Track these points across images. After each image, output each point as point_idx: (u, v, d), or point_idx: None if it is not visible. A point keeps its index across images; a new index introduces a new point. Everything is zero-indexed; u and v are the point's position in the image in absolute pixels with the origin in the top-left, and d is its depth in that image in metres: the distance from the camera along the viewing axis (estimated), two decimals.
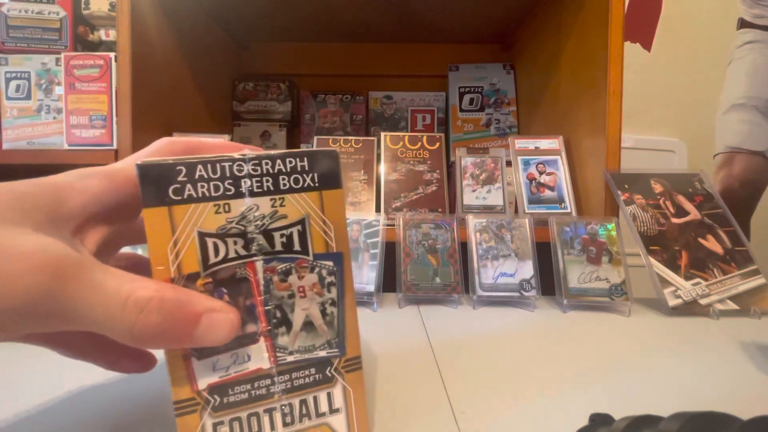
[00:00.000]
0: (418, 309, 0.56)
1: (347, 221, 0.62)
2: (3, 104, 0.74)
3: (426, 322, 0.51)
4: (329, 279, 0.23)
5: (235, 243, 0.21)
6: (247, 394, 0.22)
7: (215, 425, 0.21)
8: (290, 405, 0.23)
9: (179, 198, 0.20)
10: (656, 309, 0.56)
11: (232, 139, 0.82)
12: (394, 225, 0.63)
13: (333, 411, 0.24)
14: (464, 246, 0.61)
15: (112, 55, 0.72)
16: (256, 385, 0.22)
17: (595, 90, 0.70)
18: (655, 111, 1.58)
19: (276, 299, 0.23)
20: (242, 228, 0.21)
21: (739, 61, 1.15)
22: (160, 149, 0.24)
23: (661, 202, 0.62)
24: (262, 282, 0.22)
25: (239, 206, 0.21)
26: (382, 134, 0.77)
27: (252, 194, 0.22)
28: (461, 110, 1.11)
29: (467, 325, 0.51)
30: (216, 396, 0.22)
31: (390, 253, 0.61)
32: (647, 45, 1.58)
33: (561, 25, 0.84)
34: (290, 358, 0.23)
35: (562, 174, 0.73)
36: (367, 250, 0.60)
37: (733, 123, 1.13)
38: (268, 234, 0.22)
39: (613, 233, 0.60)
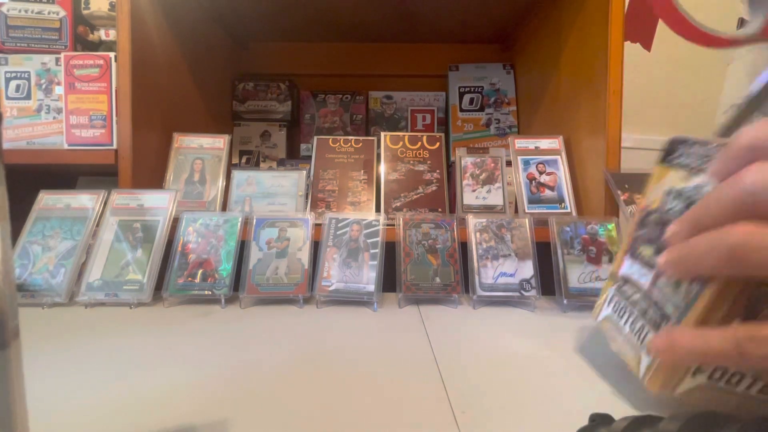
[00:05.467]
0: (418, 309, 0.56)
1: (348, 221, 0.62)
2: (3, 104, 0.74)
3: (426, 322, 0.51)
4: None
5: None
6: None
7: None
8: None
9: None
10: None
11: (232, 139, 0.82)
12: (394, 225, 0.63)
13: None
14: (464, 246, 0.61)
15: (112, 55, 0.72)
16: None
17: (595, 90, 0.70)
18: (655, 111, 1.57)
19: None
20: None
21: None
22: None
23: None
24: None
25: None
26: (382, 134, 0.77)
27: None
28: (461, 110, 1.11)
29: (467, 325, 0.51)
30: None
31: (390, 253, 0.61)
32: (647, 45, 1.58)
33: (561, 25, 0.84)
34: None
35: (562, 174, 0.73)
36: (367, 250, 0.60)
37: None
38: None
39: (613, 233, 0.60)
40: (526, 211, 0.70)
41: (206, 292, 0.58)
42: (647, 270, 0.31)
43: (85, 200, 0.64)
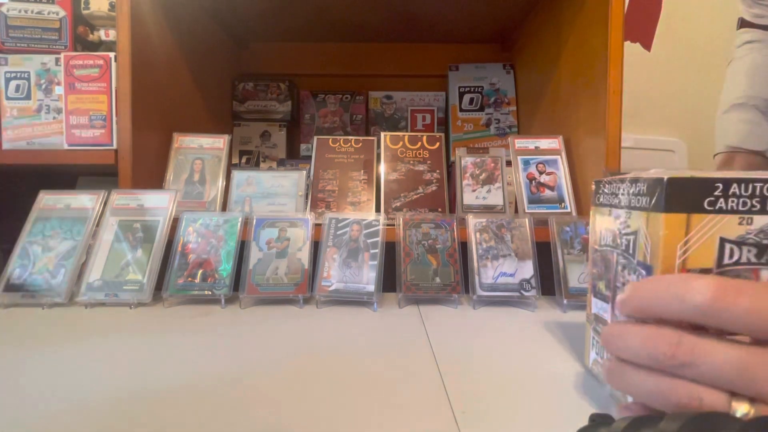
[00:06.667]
0: (418, 309, 0.56)
1: (348, 221, 0.62)
2: (3, 104, 0.74)
3: (426, 322, 0.51)
4: None
5: (749, 251, 0.25)
6: None
7: None
8: None
9: (711, 208, 0.25)
10: None
11: (232, 139, 0.82)
12: (394, 225, 0.63)
13: None
14: (464, 246, 0.61)
15: (112, 55, 0.72)
16: None
17: (594, 90, 0.70)
18: (655, 111, 1.57)
19: None
20: (759, 240, 0.25)
21: (739, 60, 1.15)
22: None
23: None
24: None
25: (760, 221, 0.25)
26: (382, 134, 0.77)
27: None
28: (461, 110, 1.11)
29: (467, 325, 0.51)
30: None
31: (390, 253, 0.61)
32: (647, 45, 1.58)
33: (561, 25, 0.84)
34: None
35: (562, 174, 0.73)
36: (367, 250, 0.60)
37: (733, 122, 1.13)
38: None
39: None
40: (526, 211, 0.70)
41: (206, 292, 0.58)
42: (606, 304, 0.33)
43: (85, 200, 0.64)
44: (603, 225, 0.34)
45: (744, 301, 0.20)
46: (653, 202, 0.27)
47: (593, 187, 0.37)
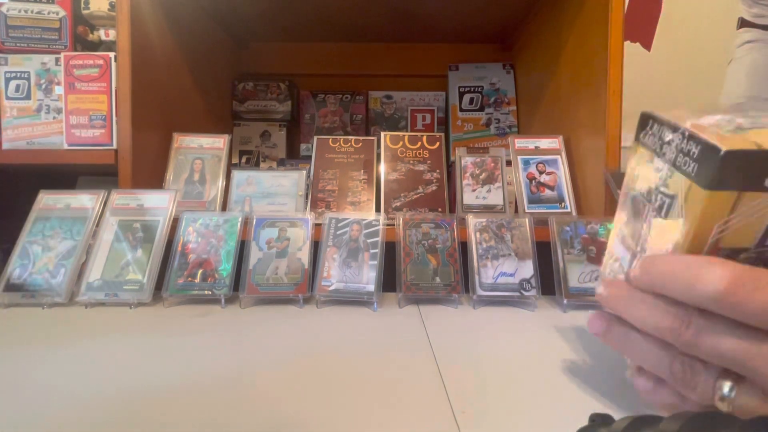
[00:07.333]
0: (418, 309, 0.56)
1: (348, 221, 0.62)
2: (3, 104, 0.74)
3: (426, 322, 0.51)
4: None
5: None
6: None
7: None
8: None
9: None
10: None
11: (232, 139, 0.82)
12: (394, 225, 0.63)
13: None
14: (464, 246, 0.61)
15: (111, 55, 0.72)
16: None
17: (594, 89, 0.70)
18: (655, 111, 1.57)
19: None
20: None
21: (739, 60, 1.15)
22: None
23: None
24: None
25: None
26: (382, 134, 0.77)
27: None
28: (461, 110, 1.11)
29: (467, 325, 0.51)
30: None
31: (390, 253, 0.61)
32: (647, 45, 1.58)
33: (561, 25, 0.84)
34: None
35: (562, 173, 0.73)
36: (367, 250, 0.60)
37: None
38: None
39: None
40: (526, 210, 0.70)
41: (206, 292, 0.58)
42: (627, 253, 0.30)
43: (85, 200, 0.64)
44: (641, 171, 0.30)
45: (761, 296, 0.19)
46: (701, 171, 0.22)
47: (639, 120, 0.31)
